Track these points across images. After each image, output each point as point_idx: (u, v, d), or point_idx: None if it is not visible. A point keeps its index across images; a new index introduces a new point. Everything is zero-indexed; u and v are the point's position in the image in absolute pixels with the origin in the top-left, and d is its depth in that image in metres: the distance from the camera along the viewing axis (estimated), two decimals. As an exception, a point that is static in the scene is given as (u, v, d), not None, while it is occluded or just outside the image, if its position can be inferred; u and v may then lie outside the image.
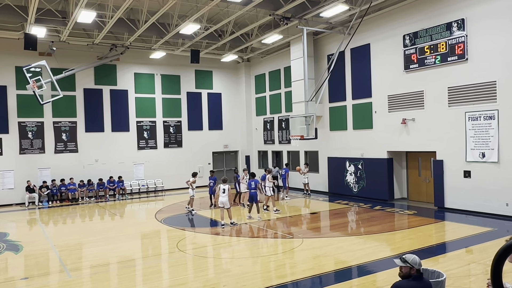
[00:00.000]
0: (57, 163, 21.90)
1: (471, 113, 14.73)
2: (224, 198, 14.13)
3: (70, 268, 9.80)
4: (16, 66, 20.76)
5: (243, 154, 27.92)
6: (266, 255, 10.74)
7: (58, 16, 17.62)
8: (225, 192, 14.18)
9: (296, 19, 18.24)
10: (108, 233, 13.96)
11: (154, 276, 9.15)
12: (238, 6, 16.76)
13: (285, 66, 24.10)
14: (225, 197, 14.13)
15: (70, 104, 22.30)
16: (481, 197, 14.59)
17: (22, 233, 14.64)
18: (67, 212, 18.86)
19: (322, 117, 21.47)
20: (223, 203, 14.17)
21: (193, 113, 26.31)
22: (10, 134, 20.91)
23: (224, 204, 14.18)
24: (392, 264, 9.05)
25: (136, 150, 24.30)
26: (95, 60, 22.57)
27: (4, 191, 20.59)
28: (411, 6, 16.73)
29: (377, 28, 18.27)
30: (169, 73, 25.43)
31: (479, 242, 10.98)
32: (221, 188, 14.30)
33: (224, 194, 14.17)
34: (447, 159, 15.67)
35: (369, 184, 18.93)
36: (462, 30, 14.83)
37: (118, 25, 18.82)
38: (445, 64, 15.46)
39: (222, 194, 14.21)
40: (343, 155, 20.30)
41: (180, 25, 18.47)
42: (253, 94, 27.49)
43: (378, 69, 18.36)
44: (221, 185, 14.43)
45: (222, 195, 14.21)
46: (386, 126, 18.02)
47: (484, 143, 14.41)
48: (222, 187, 14.28)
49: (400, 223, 14.22)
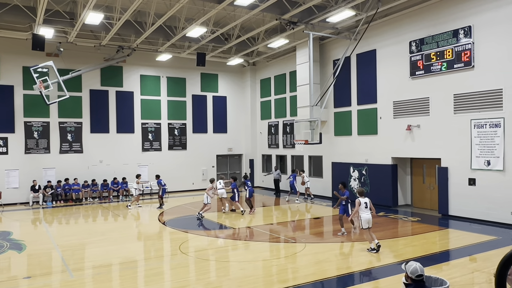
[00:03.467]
0: (62, 163, 22.00)
1: (477, 121, 14.67)
2: (221, 190, 17.57)
3: (73, 268, 9.82)
4: (24, 66, 20.92)
5: (247, 158, 27.93)
6: (268, 259, 10.71)
7: (66, 17, 17.77)
8: (221, 184, 17.75)
9: (303, 23, 18.27)
10: (111, 234, 13.99)
11: (156, 278, 9.15)
12: (244, 10, 16.82)
13: (290, 71, 24.12)
14: (222, 189, 17.59)
15: (76, 104, 22.42)
16: (485, 205, 14.49)
17: (25, 232, 14.70)
18: (70, 212, 18.92)
19: (327, 122, 21.45)
20: (221, 193, 17.58)
21: (198, 116, 26.37)
22: (16, 133, 21.04)
23: (222, 194, 17.60)
24: (395, 271, 9.04)
25: (140, 151, 24.37)
26: (102, 61, 22.70)
27: (9, 190, 20.69)
28: (418, 13, 16.72)
29: (383, 34, 18.26)
30: (175, 76, 25.52)
31: (483, 250, 10.89)
32: (219, 182, 17.80)
33: (220, 186, 17.65)
34: (452, 166, 15.60)
35: (373, 190, 18.86)
36: (469, 37, 14.80)
37: (125, 27, 18.94)
38: (451, 71, 15.42)
39: (219, 185, 17.63)
40: (347, 160, 20.25)
41: (186, 28, 18.55)
42: (258, 98, 27.52)
43: (383, 75, 18.34)
44: (220, 181, 18.02)
45: (219, 187, 17.59)
46: (391, 132, 17.98)
47: (489, 151, 14.33)
48: (219, 182, 17.83)
49: (404, 230, 14.15)
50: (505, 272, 2.76)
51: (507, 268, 2.77)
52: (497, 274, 2.80)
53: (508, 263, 2.77)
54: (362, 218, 10.90)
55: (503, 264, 2.78)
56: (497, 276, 2.81)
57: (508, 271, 2.78)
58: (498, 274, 2.80)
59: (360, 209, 10.90)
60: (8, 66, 20.88)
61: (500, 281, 2.77)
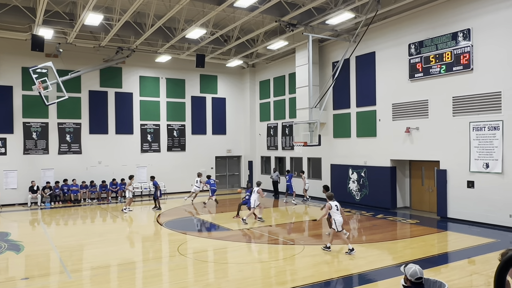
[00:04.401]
0: (61, 164, 21.96)
1: (476, 123, 14.69)
2: (197, 188, 20.32)
3: (71, 269, 9.79)
4: (23, 67, 20.91)
5: (246, 160, 27.92)
6: (267, 261, 10.70)
7: (66, 18, 17.76)
8: (197, 183, 20.29)
9: (302, 25, 18.29)
10: (109, 235, 13.96)
11: (154, 279, 9.14)
12: (244, 12, 16.83)
13: (290, 73, 24.14)
14: (198, 187, 20.31)
15: (75, 105, 22.40)
16: (484, 207, 14.50)
17: (23, 233, 14.67)
18: (69, 213, 18.89)
19: (326, 124, 21.46)
20: (196, 190, 20.33)
21: (197, 117, 26.36)
22: (15, 134, 21.01)
23: (196, 191, 20.34)
24: (394, 273, 9.04)
25: (139, 153, 24.35)
26: (101, 62, 22.69)
27: (7, 191, 20.64)
28: (417, 15, 16.75)
29: (382, 37, 18.30)
30: (174, 77, 25.52)
31: (482, 253, 10.89)
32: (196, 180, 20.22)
33: (197, 184, 20.29)
34: (450, 168, 15.61)
35: (372, 192, 18.87)
36: (468, 40, 14.83)
37: (125, 28, 18.94)
38: (450, 73, 15.45)
39: (196, 184, 20.28)
40: (346, 162, 20.26)
41: (186, 30, 18.56)
42: (257, 100, 27.53)
43: (383, 77, 18.37)
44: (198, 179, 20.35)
45: (196, 185, 20.28)
46: (390, 135, 17.99)
47: (488, 153, 14.35)
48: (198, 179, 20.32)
49: (402, 232, 14.15)
50: (503, 276, 2.76)
51: (505, 271, 2.76)
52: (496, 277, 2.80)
53: (506, 266, 2.76)
54: (337, 221, 11.19)
55: (502, 267, 2.77)
56: (496, 280, 2.81)
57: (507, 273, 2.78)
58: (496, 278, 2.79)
59: (332, 212, 11.24)
60: (7, 66, 20.86)
61: (499, 284, 2.77)
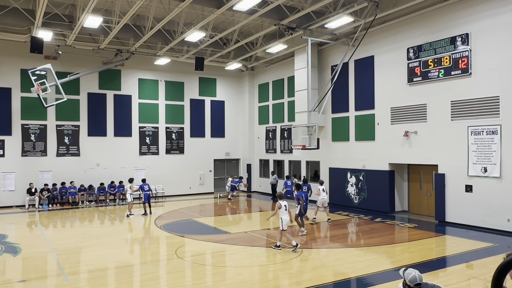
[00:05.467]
0: (59, 166, 21.92)
1: (474, 128, 14.72)
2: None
3: (68, 272, 9.76)
4: (22, 69, 20.90)
5: (244, 163, 27.91)
6: (265, 264, 10.68)
7: (65, 20, 17.77)
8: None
9: (301, 29, 18.33)
10: (107, 238, 13.92)
11: (152, 282, 9.11)
12: (243, 15, 16.87)
13: (288, 76, 24.18)
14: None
15: (73, 107, 22.39)
16: (482, 212, 14.51)
17: (21, 236, 14.61)
18: (66, 215, 18.83)
19: (325, 127, 21.48)
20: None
21: (196, 120, 26.37)
22: (13, 136, 20.98)
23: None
24: (392, 277, 9.03)
25: (138, 155, 24.32)
26: (100, 64, 22.69)
27: (5, 193, 20.60)
28: (416, 20, 16.81)
29: (381, 41, 18.35)
30: (173, 80, 25.54)
31: (480, 257, 10.89)
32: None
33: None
34: (449, 172, 15.63)
35: (370, 195, 18.87)
36: (466, 44, 14.88)
37: (124, 31, 18.96)
38: (449, 78, 15.49)
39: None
40: (345, 166, 20.26)
41: (185, 33, 18.59)
42: (256, 103, 27.55)
43: (381, 81, 18.40)
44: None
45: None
46: (388, 138, 18.01)
47: (486, 157, 14.37)
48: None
49: (401, 236, 14.15)
50: (501, 281, 2.76)
51: (502, 276, 2.77)
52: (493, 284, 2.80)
53: (504, 271, 2.77)
54: (283, 220, 11.65)
55: (499, 273, 2.77)
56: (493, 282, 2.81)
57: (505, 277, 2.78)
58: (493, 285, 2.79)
59: (281, 211, 11.69)
60: (6, 68, 20.85)
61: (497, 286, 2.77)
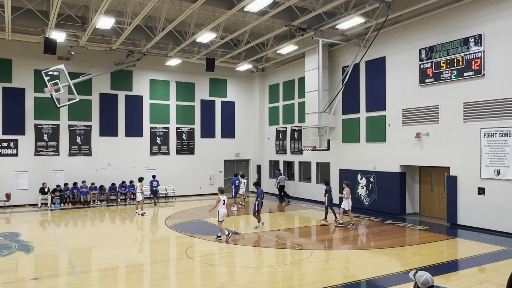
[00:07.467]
0: (71, 166, 22.17)
1: (487, 130, 14.53)
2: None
3: (79, 271, 9.86)
4: (35, 69, 21.19)
5: (254, 163, 27.93)
6: (274, 265, 10.67)
7: (78, 21, 17.97)
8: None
9: (312, 30, 18.29)
10: (117, 237, 14.04)
11: (162, 282, 9.16)
12: (254, 16, 16.89)
13: (299, 77, 24.14)
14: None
15: (85, 108, 22.63)
16: (495, 215, 14.32)
17: (33, 234, 14.81)
18: (78, 214, 19.03)
19: (335, 128, 21.40)
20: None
21: (206, 121, 26.46)
22: (26, 135, 21.27)
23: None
24: (402, 279, 8.95)
25: (148, 155, 24.48)
26: (112, 65, 22.91)
27: (18, 192, 20.89)
28: (428, 21, 16.66)
29: (392, 42, 18.22)
30: (184, 81, 25.67)
31: (492, 261, 10.75)
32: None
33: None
34: (461, 175, 15.45)
35: (381, 197, 18.74)
36: (479, 45, 14.71)
37: (136, 32, 19.11)
38: (461, 79, 15.33)
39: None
40: (355, 167, 20.15)
41: (196, 34, 18.67)
42: (267, 104, 27.56)
43: (393, 83, 18.27)
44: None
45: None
46: (399, 140, 17.87)
47: (499, 160, 14.18)
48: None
49: (411, 239, 14.02)
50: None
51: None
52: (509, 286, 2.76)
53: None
54: (220, 212, 12.98)
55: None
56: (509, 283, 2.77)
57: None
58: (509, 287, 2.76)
59: (220, 205, 12.94)
60: (20, 69, 21.15)
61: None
